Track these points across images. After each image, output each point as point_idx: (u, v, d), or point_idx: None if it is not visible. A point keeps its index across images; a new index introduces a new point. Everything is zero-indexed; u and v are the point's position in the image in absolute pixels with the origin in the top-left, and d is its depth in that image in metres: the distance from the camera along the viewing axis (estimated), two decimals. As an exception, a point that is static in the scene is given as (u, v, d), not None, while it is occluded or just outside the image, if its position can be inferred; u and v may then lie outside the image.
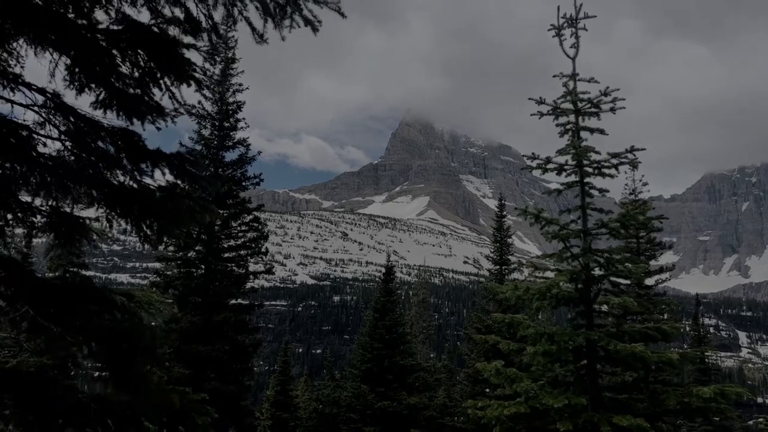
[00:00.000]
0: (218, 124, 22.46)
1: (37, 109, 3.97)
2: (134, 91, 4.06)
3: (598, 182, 10.94)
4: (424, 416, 27.13)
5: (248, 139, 22.81)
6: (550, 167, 10.98)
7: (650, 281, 22.27)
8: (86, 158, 4.05)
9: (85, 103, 4.07)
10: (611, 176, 10.89)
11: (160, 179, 4.30)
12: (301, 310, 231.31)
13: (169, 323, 19.77)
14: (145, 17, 3.99)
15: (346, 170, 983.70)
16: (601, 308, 10.79)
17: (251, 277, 22.61)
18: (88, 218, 4.55)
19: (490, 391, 20.32)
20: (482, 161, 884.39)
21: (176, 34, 4.00)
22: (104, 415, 3.95)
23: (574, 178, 10.93)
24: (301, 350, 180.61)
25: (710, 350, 23.38)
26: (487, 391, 22.50)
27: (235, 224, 22.42)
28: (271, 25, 4.17)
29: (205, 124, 22.36)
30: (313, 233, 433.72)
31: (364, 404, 26.77)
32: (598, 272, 10.57)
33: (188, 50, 4.04)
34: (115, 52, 3.89)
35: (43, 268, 18.81)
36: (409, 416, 26.53)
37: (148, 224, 4.37)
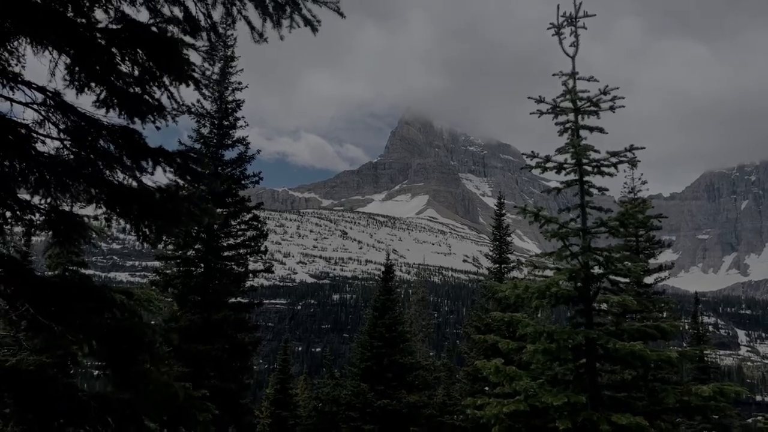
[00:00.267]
0: (217, 122, 22.44)
1: (36, 107, 3.96)
2: (134, 90, 4.05)
3: (597, 181, 10.96)
4: (423, 414, 27.17)
5: (247, 137, 22.80)
6: (549, 166, 10.98)
7: (649, 279, 22.27)
8: (86, 156, 4.05)
9: (86, 102, 4.07)
10: (610, 175, 10.90)
11: (161, 178, 4.31)
12: (300, 308, 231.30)
13: (168, 321, 19.79)
14: (144, 16, 3.99)
15: (345, 169, 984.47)
16: (600, 307, 10.80)
17: (251, 275, 22.60)
18: (86, 216, 4.55)
19: (489, 389, 20.32)
20: (482, 160, 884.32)
21: (175, 33, 3.99)
22: (104, 413, 3.95)
23: (573, 176, 10.93)
24: (300, 349, 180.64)
25: (709, 348, 23.42)
26: (486, 389, 22.52)
27: (234, 223, 22.41)
28: (270, 24, 4.17)
29: (204, 122, 22.34)
30: (312, 232, 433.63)
31: (363, 402, 26.79)
32: (597, 271, 10.58)
33: (187, 50, 4.03)
34: (114, 51, 3.89)
35: (42, 266, 18.79)
36: (408, 414, 26.56)
37: (146, 224, 4.38)
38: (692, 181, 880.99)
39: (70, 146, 4.06)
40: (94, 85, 4.01)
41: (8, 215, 4.11)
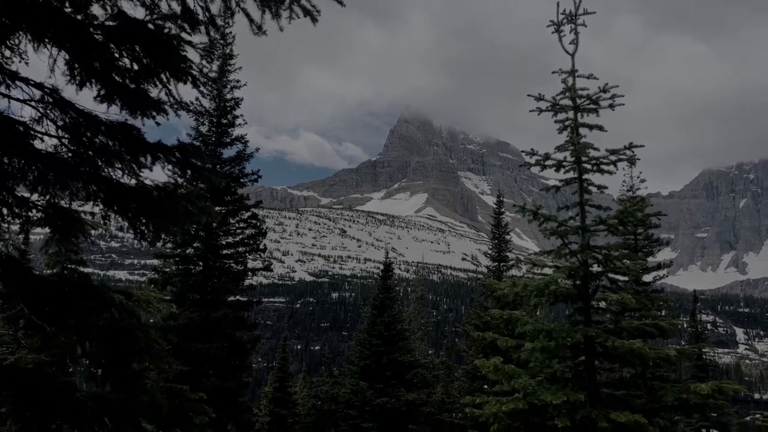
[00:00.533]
0: (216, 120, 22.42)
1: (34, 104, 3.95)
2: (134, 86, 4.04)
3: (596, 179, 10.94)
4: (422, 412, 27.20)
5: (246, 135, 22.78)
6: (548, 164, 10.97)
7: (648, 278, 22.30)
8: (84, 153, 4.03)
9: (87, 97, 4.06)
10: (610, 173, 10.88)
11: (160, 175, 4.30)
12: (299, 306, 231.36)
13: (167, 320, 19.77)
14: (141, 12, 3.96)
15: (344, 167, 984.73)
16: (599, 305, 10.80)
17: (249, 273, 22.60)
18: (83, 211, 4.53)
19: (488, 387, 20.34)
20: (480, 158, 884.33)
21: (172, 29, 3.97)
22: (102, 413, 3.93)
23: (572, 174, 10.92)
24: (299, 347, 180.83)
25: (708, 347, 23.46)
26: (485, 387, 22.53)
27: (233, 221, 22.40)
28: (269, 15, 4.12)
29: (202, 120, 22.31)
30: (311, 230, 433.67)
31: (362, 400, 26.80)
32: (596, 269, 10.57)
33: (185, 46, 4.01)
34: (112, 47, 3.87)
35: (40, 264, 18.76)
36: (407, 412, 26.58)
37: (144, 222, 4.36)
38: (691, 179, 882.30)
39: (68, 143, 4.04)
40: (94, 81, 3.99)
41: (6, 212, 4.09)
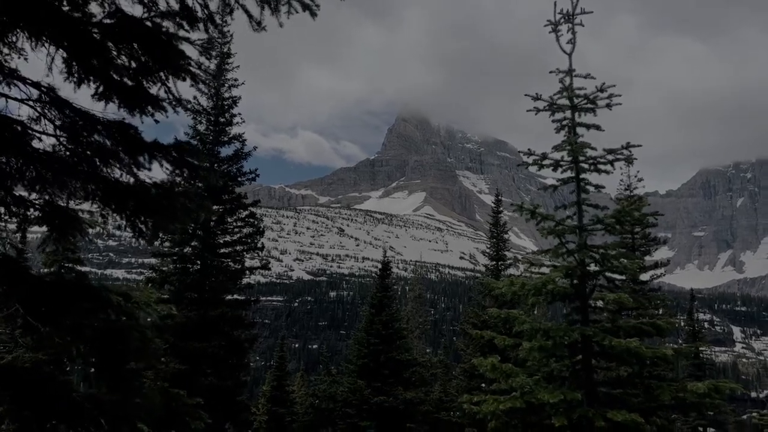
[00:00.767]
0: (213, 119, 22.41)
1: (32, 103, 3.94)
2: (132, 84, 4.03)
3: (593, 178, 10.96)
4: (420, 411, 27.24)
5: (244, 134, 22.78)
6: (546, 163, 10.99)
7: (645, 276, 22.35)
8: (82, 153, 4.02)
9: (85, 95, 4.05)
10: (607, 172, 10.90)
11: (158, 172, 4.29)
12: (297, 305, 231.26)
13: (164, 319, 19.73)
14: (139, 9, 3.95)
15: (342, 165, 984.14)
16: (596, 304, 10.82)
17: (247, 272, 22.60)
18: (81, 210, 4.53)
19: (486, 385, 20.38)
20: (478, 157, 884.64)
21: (170, 27, 3.96)
22: (98, 414, 3.93)
23: (570, 174, 10.94)
24: (297, 345, 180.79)
25: (704, 345, 23.53)
26: (482, 385, 22.57)
27: (230, 220, 22.39)
28: (268, 11, 4.11)
29: (200, 119, 22.31)
30: (309, 229, 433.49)
31: (360, 399, 26.83)
32: (593, 268, 10.60)
33: (183, 44, 4.01)
34: (110, 45, 3.86)
35: (38, 263, 18.72)
36: (405, 411, 26.62)
37: (142, 220, 4.36)
38: (688, 178, 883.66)
39: (66, 142, 4.04)
40: (91, 79, 3.99)
41: (3, 211, 4.09)
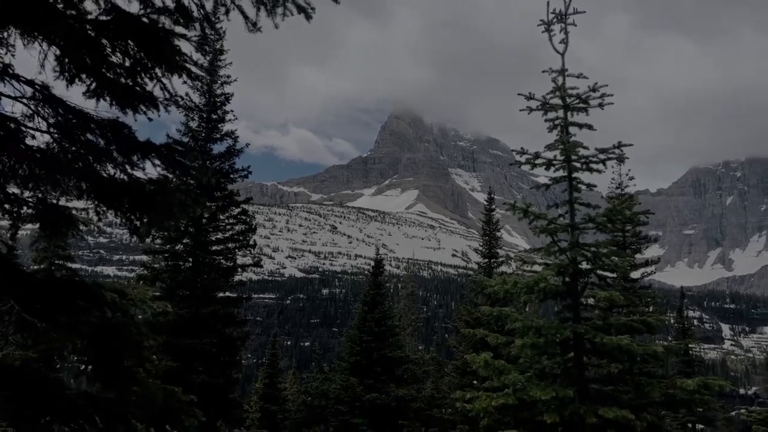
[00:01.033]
0: (206, 116, 22.33)
1: (25, 101, 3.92)
2: (126, 81, 4.02)
3: (585, 177, 11.03)
4: (412, 408, 27.31)
5: (236, 131, 22.71)
6: (538, 162, 11.04)
7: (636, 274, 22.55)
8: (75, 151, 4.01)
9: (76, 93, 4.04)
10: (599, 171, 10.98)
11: (150, 171, 4.28)
12: (289, 303, 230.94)
13: (156, 316, 19.69)
14: (135, 7, 3.94)
15: (334, 163, 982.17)
16: (587, 301, 10.90)
17: (239, 269, 22.56)
18: (74, 208, 4.51)
19: (477, 382, 20.47)
20: (471, 155, 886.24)
21: (167, 24, 3.95)
22: (92, 411, 3.93)
23: (562, 173, 11.00)
24: (289, 343, 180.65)
25: (694, 342, 23.76)
26: (474, 382, 22.68)
27: (223, 217, 22.33)
28: (264, 13, 4.12)
29: (192, 115, 22.21)
30: (301, 226, 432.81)
31: (352, 396, 26.87)
32: (585, 266, 10.68)
33: (179, 40, 4.00)
34: (104, 42, 3.85)
35: (27, 260, 18.59)
36: (397, 408, 26.69)
37: (138, 217, 4.35)
38: (679, 176, 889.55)
39: (59, 140, 4.02)
40: (84, 76, 3.97)
41: (-5, 209, 4.07)
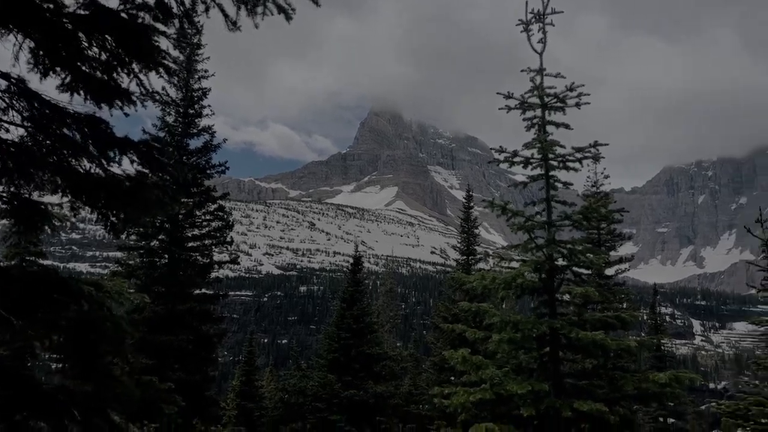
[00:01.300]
0: (183, 110, 22.08)
1: (0, 93, 3.85)
2: (102, 75, 3.97)
3: (562, 175, 11.21)
4: (390, 404, 27.42)
5: (213, 126, 22.49)
6: (516, 160, 11.18)
7: (610, 271, 22.95)
8: (50, 145, 3.95)
9: (50, 86, 3.98)
10: (575, 170, 11.16)
11: (127, 167, 4.24)
12: (266, 300, 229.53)
13: (131, 313, 19.43)
14: (115, 2, 3.90)
15: (313, 159, 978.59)
16: (563, 297, 11.09)
17: (216, 266, 22.39)
18: (50, 204, 4.45)
19: (455, 378, 20.64)
20: (450, 153, 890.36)
21: (146, 19, 3.91)
22: (70, 406, 3.88)
23: (539, 171, 11.16)
24: (266, 340, 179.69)
25: (666, 338, 24.27)
26: (452, 378, 22.86)
27: (199, 213, 22.12)
28: (244, 12, 4.11)
29: (169, 110, 21.95)
30: (279, 223, 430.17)
31: (330, 393, 26.87)
32: (561, 262, 10.85)
33: (158, 36, 3.96)
34: (81, 36, 3.80)
35: (-2, 256, 18.16)
36: (375, 404, 26.77)
37: (114, 213, 4.30)
38: (653, 175, 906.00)
39: (34, 134, 3.96)
40: (59, 69, 3.91)
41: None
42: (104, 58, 3.94)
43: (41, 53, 3.90)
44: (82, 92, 4.05)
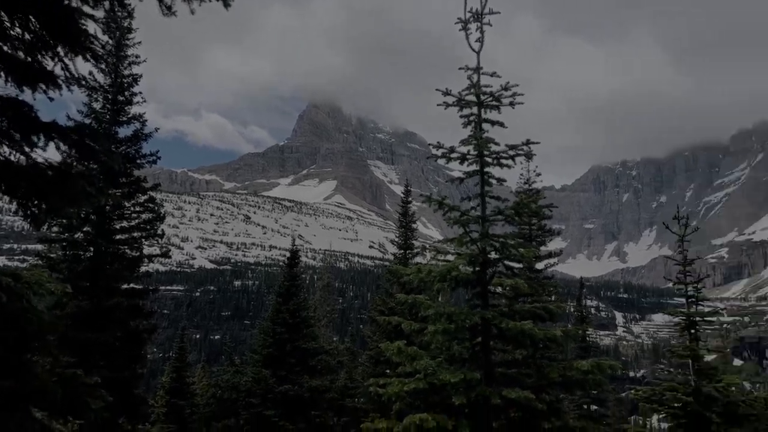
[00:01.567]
0: (111, 97, 21.08)
1: None
2: (25, 57, 3.75)
3: (496, 172, 11.56)
4: (325, 398, 27.42)
5: (144, 114, 21.62)
6: (453, 156, 11.43)
7: (540, 265, 23.91)
8: (-34, 129, 3.70)
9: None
10: (508, 167, 11.53)
11: (53, 155, 4.03)
12: (199, 295, 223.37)
13: (52, 309, 18.44)
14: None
15: (250, 150, 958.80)
16: (495, 289, 11.46)
17: (145, 260, 21.59)
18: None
19: (390, 371, 20.90)
20: (389, 147, 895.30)
21: (74, 1, 3.73)
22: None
23: (475, 167, 11.45)
24: (198, 336, 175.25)
25: (590, 328, 25.56)
26: (387, 371, 23.12)
27: (128, 204, 21.24)
28: (179, -3, 3.99)
29: (96, 96, 20.90)
30: (213, 215, 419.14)
31: (264, 388, 26.57)
32: (493, 256, 11.21)
33: (85, 20, 3.78)
34: (2, 14, 3.58)
35: None
36: (310, 399, 26.70)
37: (36, 203, 4.09)
38: (581, 174, 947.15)
39: (-53, 116, 3.70)
40: (-24, 50, 3.67)
41: None
42: (27, 38, 3.73)
43: (-45, 30, 3.65)
44: (2, 73, 3.81)
